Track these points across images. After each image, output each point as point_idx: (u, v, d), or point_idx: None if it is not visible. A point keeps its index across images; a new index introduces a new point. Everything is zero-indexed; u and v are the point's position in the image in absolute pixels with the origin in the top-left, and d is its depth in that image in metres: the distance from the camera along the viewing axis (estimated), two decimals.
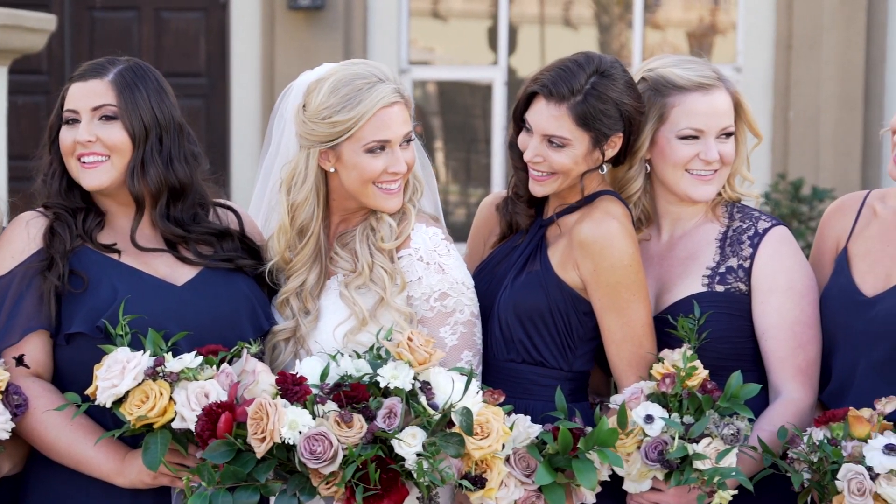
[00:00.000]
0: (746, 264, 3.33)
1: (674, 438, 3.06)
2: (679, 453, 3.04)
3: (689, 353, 3.14)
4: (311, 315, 3.28)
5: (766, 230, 3.35)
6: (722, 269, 3.34)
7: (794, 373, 3.28)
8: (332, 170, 3.27)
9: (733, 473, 3.04)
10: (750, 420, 3.11)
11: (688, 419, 3.09)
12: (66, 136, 3.21)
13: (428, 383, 3.02)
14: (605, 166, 3.35)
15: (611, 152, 3.33)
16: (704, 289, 3.33)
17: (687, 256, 3.40)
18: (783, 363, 3.28)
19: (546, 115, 3.28)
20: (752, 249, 3.33)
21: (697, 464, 3.04)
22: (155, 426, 2.99)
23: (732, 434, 3.05)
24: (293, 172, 3.29)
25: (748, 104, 3.42)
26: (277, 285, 3.37)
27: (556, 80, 3.26)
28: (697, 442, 3.06)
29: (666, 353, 3.20)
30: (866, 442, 3.04)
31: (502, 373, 3.32)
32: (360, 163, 3.22)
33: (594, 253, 3.25)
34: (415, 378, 3.00)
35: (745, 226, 3.38)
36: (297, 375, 3.01)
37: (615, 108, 3.27)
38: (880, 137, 9.60)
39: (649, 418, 3.08)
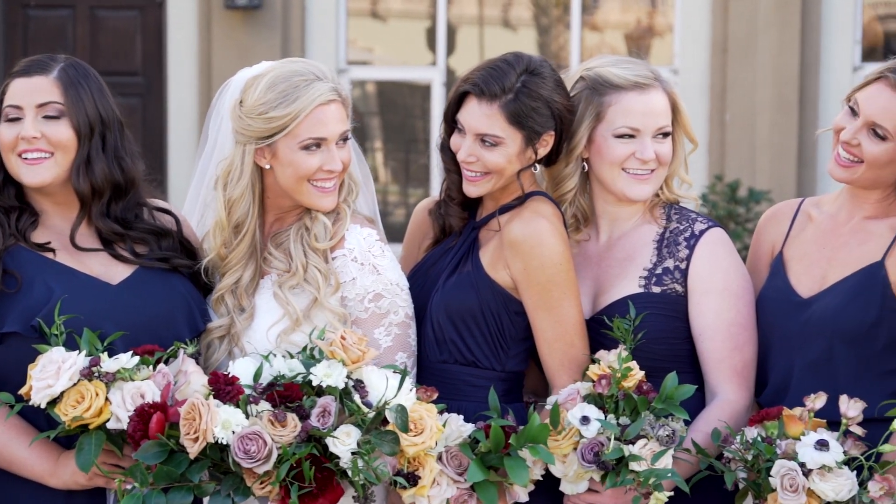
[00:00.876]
0: (683, 265, 3.34)
1: (610, 440, 3.07)
2: (615, 455, 3.05)
3: (625, 354, 3.15)
4: (245, 312, 3.27)
5: (702, 232, 3.37)
6: (658, 271, 3.36)
7: (731, 374, 3.30)
8: (267, 166, 3.26)
9: (669, 475, 3.05)
10: (686, 422, 3.13)
11: (624, 420, 3.10)
12: (7, 131, 3.18)
13: (361, 381, 3.02)
14: (536, 165, 3.37)
15: (543, 151, 3.35)
16: (641, 290, 3.34)
17: (624, 257, 3.41)
18: (719, 364, 3.30)
19: (478, 114, 3.29)
20: (688, 251, 3.35)
21: (633, 465, 3.05)
22: (90, 427, 2.97)
23: (668, 435, 3.06)
24: (229, 168, 3.28)
25: (685, 109, 3.44)
26: (212, 284, 3.35)
27: (488, 78, 3.28)
28: (633, 443, 3.07)
29: (602, 354, 3.20)
30: (800, 440, 3.07)
31: (435, 374, 3.32)
32: (295, 160, 3.22)
33: (524, 252, 3.27)
34: (348, 376, 3.00)
35: (681, 227, 3.40)
36: (230, 375, 3.00)
37: (546, 106, 3.29)
38: (816, 137, 9.75)
39: (585, 419, 3.09)
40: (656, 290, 3.34)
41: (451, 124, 3.39)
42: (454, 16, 10.69)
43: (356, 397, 2.99)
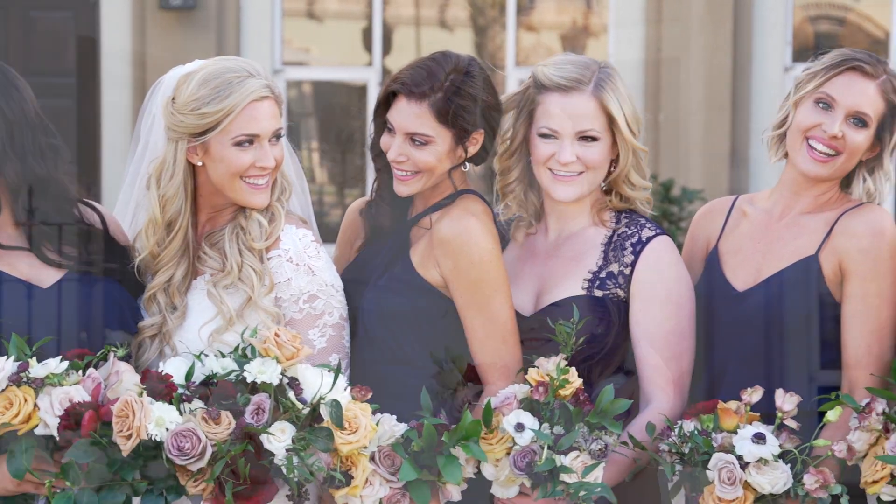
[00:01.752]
0: (627, 271, 3.35)
1: (543, 448, 3.07)
2: (547, 466, 3.06)
3: (563, 364, 3.14)
4: (177, 311, 3.26)
5: (649, 238, 3.38)
6: (603, 275, 3.37)
7: (666, 382, 3.31)
8: (199, 163, 3.25)
9: (598, 490, 3.07)
10: (619, 436, 3.13)
11: (558, 430, 3.10)
12: None
13: (296, 379, 3.01)
14: (467, 164, 3.38)
15: (473, 149, 3.37)
16: (583, 292, 3.35)
17: (571, 257, 3.42)
18: (656, 372, 3.32)
19: (408, 113, 3.30)
20: (633, 257, 3.36)
21: (564, 477, 3.06)
22: (19, 433, 2.94)
23: (600, 449, 3.07)
24: (162, 166, 3.27)
25: (625, 116, 3.39)
26: (145, 283, 3.33)
27: (417, 78, 3.29)
28: (566, 454, 3.08)
29: (541, 361, 3.19)
30: (736, 433, 3.10)
31: (368, 374, 3.31)
32: (227, 156, 3.21)
33: (454, 250, 3.28)
34: (283, 373, 3.00)
35: (629, 232, 3.40)
36: (163, 373, 2.98)
37: (475, 104, 3.31)
38: (748, 137, 9.87)
39: (520, 427, 3.09)
40: (598, 293, 3.35)
41: (380, 124, 3.39)
42: (391, 16, 10.69)
43: (290, 394, 2.99)
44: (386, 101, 3.35)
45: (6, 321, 3.03)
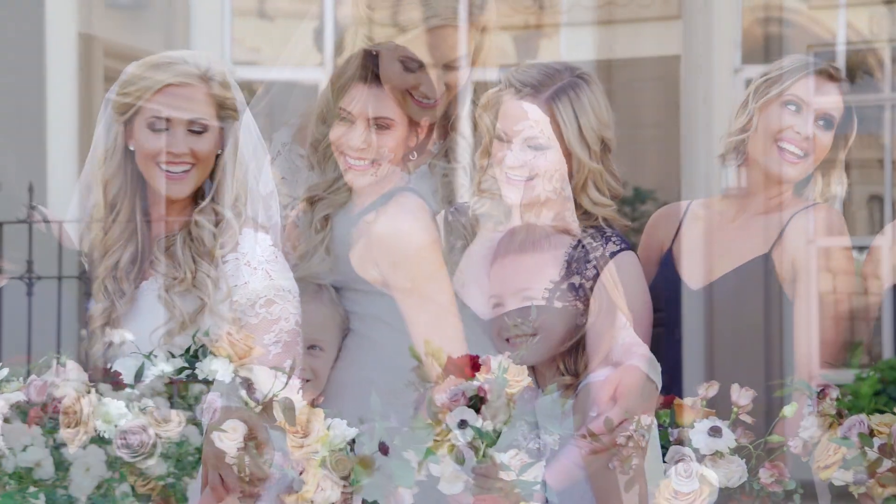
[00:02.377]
0: (588, 284, 3.35)
1: (482, 445, 3.06)
2: (483, 463, 3.03)
3: (507, 363, 3.13)
4: (126, 296, 3.22)
5: (613, 254, 3.38)
6: (564, 286, 3.36)
7: (618, 395, 3.26)
8: (132, 148, 3.25)
9: (536, 487, 3.04)
10: (562, 436, 3.14)
11: (501, 427, 3.08)
12: None
13: (249, 378, 2.98)
14: (414, 153, 3.40)
15: (421, 136, 3.40)
16: (543, 302, 3.34)
17: (535, 264, 3.40)
18: (607, 383, 3.26)
19: (369, 97, 3.33)
20: (595, 271, 3.36)
21: (502, 474, 3.04)
22: None
23: (537, 448, 3.08)
24: (105, 149, 3.26)
25: (578, 129, 3.36)
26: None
27: (373, 62, 3.36)
28: (505, 452, 3.05)
29: (486, 359, 3.13)
30: (692, 428, 3.10)
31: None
32: (141, 138, 3.22)
33: (391, 247, 3.29)
34: (235, 372, 2.96)
35: (595, 244, 3.40)
36: (112, 370, 2.94)
37: (427, 88, 3.37)
38: (699, 138, 9.93)
39: (462, 423, 3.07)
40: (558, 305, 3.34)
41: (325, 118, 3.40)
42: (343, 16, 10.66)
43: (243, 393, 2.95)
44: (340, 91, 3.38)
45: None
